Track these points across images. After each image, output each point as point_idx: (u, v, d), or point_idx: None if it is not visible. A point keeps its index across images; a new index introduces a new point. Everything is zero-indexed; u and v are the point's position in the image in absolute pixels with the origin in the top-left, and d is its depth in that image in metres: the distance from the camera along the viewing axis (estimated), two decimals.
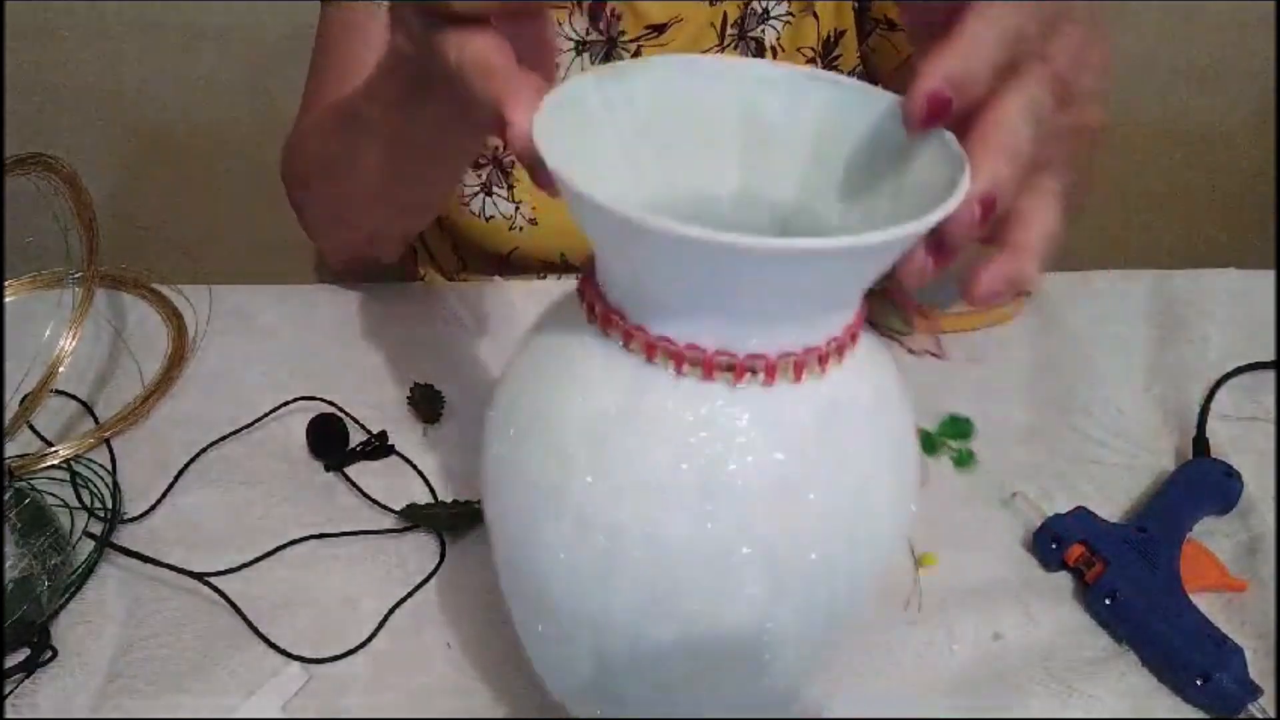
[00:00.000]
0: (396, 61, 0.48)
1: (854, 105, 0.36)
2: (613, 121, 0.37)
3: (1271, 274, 0.77)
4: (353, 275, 0.76)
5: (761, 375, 0.33)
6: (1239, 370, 0.70)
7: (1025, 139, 0.32)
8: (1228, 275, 0.78)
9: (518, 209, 0.81)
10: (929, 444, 0.64)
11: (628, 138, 0.37)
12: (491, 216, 0.82)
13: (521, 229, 0.81)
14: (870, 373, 0.37)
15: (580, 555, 0.35)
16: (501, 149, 0.80)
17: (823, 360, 0.34)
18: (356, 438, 0.65)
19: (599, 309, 0.35)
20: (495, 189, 0.81)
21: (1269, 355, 0.71)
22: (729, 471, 0.34)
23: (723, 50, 0.79)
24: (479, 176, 0.81)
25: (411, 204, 0.65)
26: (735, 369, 0.33)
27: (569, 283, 0.39)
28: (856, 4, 0.78)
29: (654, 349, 0.34)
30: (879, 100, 0.35)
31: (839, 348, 0.35)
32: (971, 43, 0.32)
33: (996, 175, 0.32)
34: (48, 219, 0.64)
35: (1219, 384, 0.69)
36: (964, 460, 0.63)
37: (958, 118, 0.33)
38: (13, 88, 1.49)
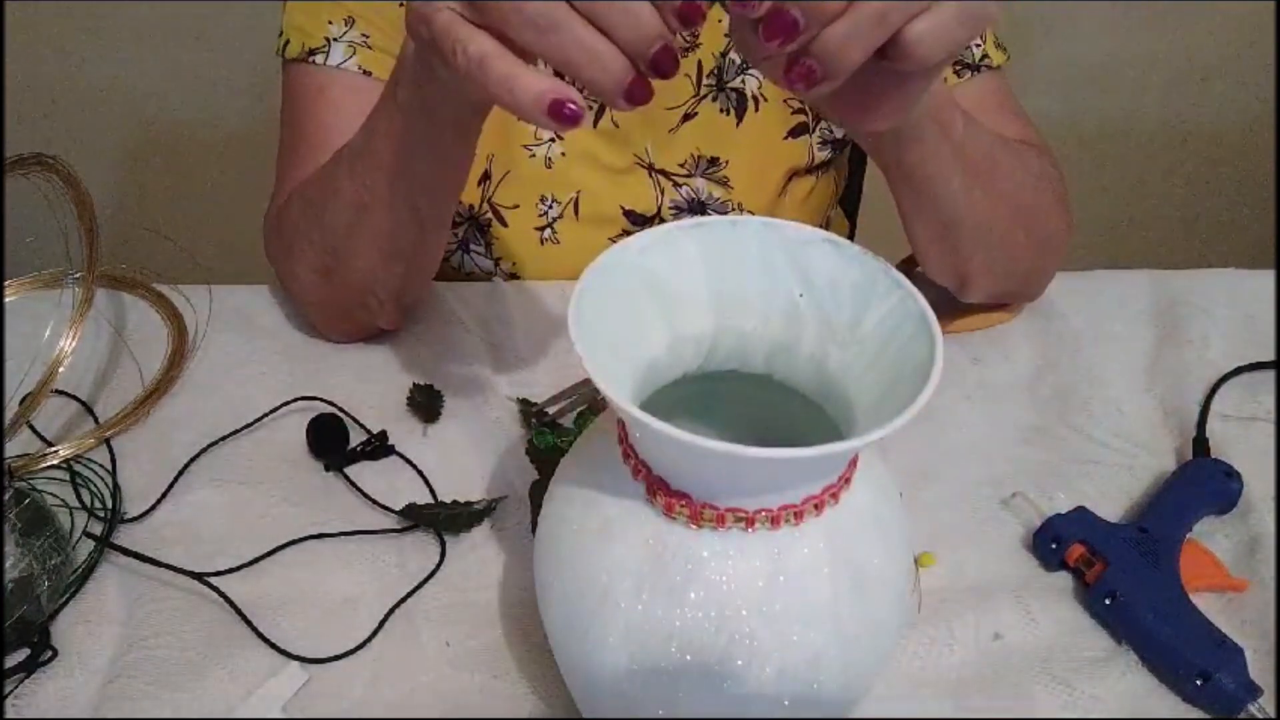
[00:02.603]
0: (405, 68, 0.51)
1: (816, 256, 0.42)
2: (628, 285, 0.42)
3: (1271, 274, 0.77)
4: (349, 339, 0.72)
5: (768, 524, 0.38)
6: (1239, 370, 0.70)
7: None
8: (1228, 275, 0.78)
9: (497, 264, 0.81)
10: None
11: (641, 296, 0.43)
12: (471, 272, 0.82)
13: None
14: (866, 501, 0.41)
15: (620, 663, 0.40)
16: (477, 206, 0.79)
17: (819, 506, 0.38)
18: (356, 438, 0.65)
19: (634, 464, 0.40)
20: (473, 246, 0.81)
21: (1269, 355, 0.71)
22: (741, 606, 0.38)
23: (700, 101, 0.77)
24: (455, 234, 0.81)
25: (400, 239, 0.62)
26: (747, 520, 0.38)
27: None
28: None
29: (672, 506, 0.39)
30: (838, 251, 0.42)
31: (834, 493, 0.39)
32: None
33: None
34: (48, 219, 0.64)
35: (1219, 384, 0.69)
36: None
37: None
38: (13, 88, 1.49)
